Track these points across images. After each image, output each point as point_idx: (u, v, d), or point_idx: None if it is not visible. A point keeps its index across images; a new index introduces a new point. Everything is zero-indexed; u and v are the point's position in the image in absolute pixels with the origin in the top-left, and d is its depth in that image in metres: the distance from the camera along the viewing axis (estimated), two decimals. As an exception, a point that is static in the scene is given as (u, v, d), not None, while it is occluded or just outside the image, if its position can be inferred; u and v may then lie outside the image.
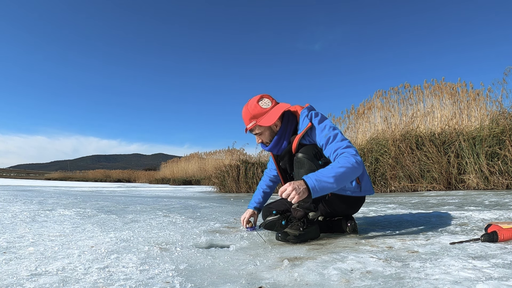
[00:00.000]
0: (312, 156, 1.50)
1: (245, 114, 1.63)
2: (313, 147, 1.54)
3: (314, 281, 0.95)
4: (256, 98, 1.62)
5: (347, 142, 1.45)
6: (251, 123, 1.60)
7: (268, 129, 1.62)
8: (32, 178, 36.46)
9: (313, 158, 1.50)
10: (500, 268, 0.95)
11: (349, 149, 1.41)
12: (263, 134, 1.62)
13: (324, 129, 1.50)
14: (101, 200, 4.41)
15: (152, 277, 1.01)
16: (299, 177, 1.47)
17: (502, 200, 2.90)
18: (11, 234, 1.74)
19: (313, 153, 1.51)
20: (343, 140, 1.46)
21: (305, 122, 1.55)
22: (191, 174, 19.56)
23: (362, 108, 7.31)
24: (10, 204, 3.45)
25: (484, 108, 5.51)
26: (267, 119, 1.57)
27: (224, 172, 8.43)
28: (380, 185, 5.63)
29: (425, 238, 1.47)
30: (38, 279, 0.99)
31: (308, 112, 1.58)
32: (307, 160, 1.49)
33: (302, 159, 1.50)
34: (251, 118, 1.60)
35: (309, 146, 1.54)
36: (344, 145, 1.43)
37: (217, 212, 3.01)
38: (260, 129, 1.61)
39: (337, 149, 1.43)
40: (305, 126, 1.54)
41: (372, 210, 2.70)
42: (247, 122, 1.63)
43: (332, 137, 1.46)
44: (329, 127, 1.51)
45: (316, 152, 1.52)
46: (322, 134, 1.49)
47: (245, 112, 1.63)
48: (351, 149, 1.41)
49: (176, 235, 1.74)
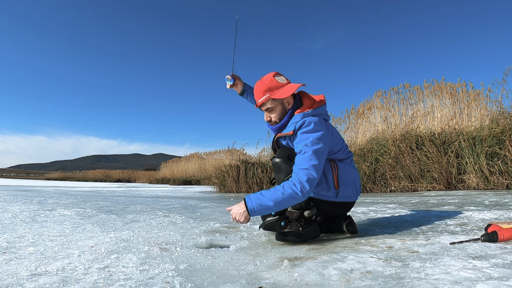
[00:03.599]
0: (286, 159, 1.55)
1: (260, 86, 1.58)
2: (287, 150, 1.58)
3: (314, 281, 0.95)
4: (272, 73, 1.60)
5: (311, 163, 1.40)
6: (264, 96, 1.56)
7: (280, 105, 1.59)
8: (32, 178, 36.46)
9: (287, 161, 1.55)
10: (500, 268, 0.95)
11: (304, 173, 1.39)
12: (274, 110, 1.59)
13: (303, 140, 1.47)
14: (101, 200, 4.41)
15: (152, 277, 1.01)
16: (279, 181, 1.55)
17: (502, 200, 2.90)
18: (11, 234, 1.74)
19: (286, 155, 1.56)
20: (310, 159, 1.41)
21: (291, 127, 1.54)
22: (191, 174, 19.56)
23: (362, 108, 7.31)
24: (10, 204, 3.45)
25: (484, 108, 5.51)
26: (282, 92, 1.54)
27: (224, 172, 8.42)
28: (380, 185, 5.63)
29: (425, 238, 1.47)
30: (38, 279, 0.99)
31: (301, 119, 1.52)
32: (283, 163, 1.55)
33: (279, 163, 1.56)
34: (265, 90, 1.56)
35: (283, 149, 1.59)
36: (305, 165, 1.40)
37: (217, 212, 3.01)
38: (273, 103, 1.58)
39: (298, 165, 1.43)
40: (288, 131, 1.55)
41: (372, 210, 2.70)
42: (260, 95, 1.58)
43: (303, 152, 1.44)
44: (310, 141, 1.45)
45: (289, 154, 1.56)
46: (298, 145, 1.48)
47: (260, 84, 1.58)
48: (305, 174, 1.39)
49: (176, 235, 1.74)
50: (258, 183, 7.71)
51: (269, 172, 7.68)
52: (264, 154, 8.91)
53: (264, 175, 7.70)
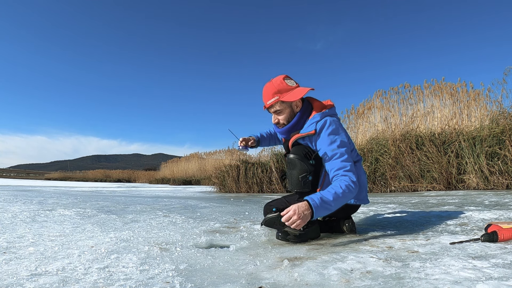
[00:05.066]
0: (303, 156, 1.52)
1: (269, 88, 1.59)
2: (304, 148, 1.55)
3: (314, 281, 0.95)
4: (282, 76, 1.60)
5: (350, 164, 1.48)
6: (273, 98, 1.56)
7: (289, 108, 1.59)
8: (32, 178, 36.47)
9: (303, 158, 1.52)
10: (500, 268, 0.95)
11: (350, 174, 1.45)
12: (282, 112, 1.60)
13: (334, 142, 1.50)
14: (101, 200, 4.41)
15: (152, 277, 1.01)
16: (292, 177, 1.53)
17: (502, 200, 2.90)
18: (11, 234, 1.74)
19: (303, 153, 1.53)
20: (347, 161, 1.48)
21: (311, 127, 1.55)
22: (191, 174, 19.56)
23: (362, 108, 7.31)
24: (10, 204, 3.45)
25: (484, 108, 5.51)
26: (291, 95, 1.55)
27: (224, 172, 8.42)
28: (380, 185, 5.63)
29: (425, 238, 1.47)
30: (38, 279, 0.99)
31: (322, 118, 1.55)
32: (298, 160, 1.52)
33: (293, 159, 1.53)
34: (275, 92, 1.56)
35: (300, 147, 1.56)
36: (347, 167, 1.47)
37: (217, 212, 3.00)
38: (282, 106, 1.58)
39: (340, 168, 1.47)
40: (309, 131, 1.54)
41: (372, 210, 2.70)
42: (270, 97, 1.58)
43: (339, 155, 1.48)
44: (340, 141, 1.51)
45: (307, 152, 1.53)
46: (330, 147, 1.50)
47: (269, 86, 1.59)
48: (351, 174, 1.45)
49: (176, 235, 1.74)
50: (258, 183, 7.71)
51: (269, 172, 7.68)
52: (264, 154, 8.91)
53: (264, 175, 7.70)
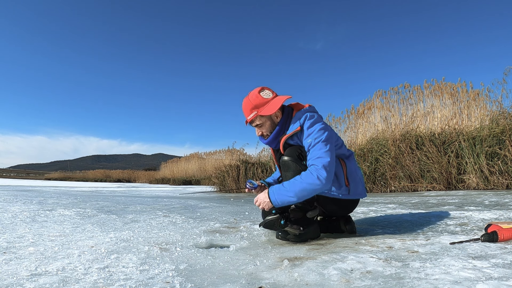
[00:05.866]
0: (296, 158, 1.53)
1: (246, 104, 1.60)
2: (297, 148, 1.56)
3: (314, 281, 0.95)
4: (257, 89, 1.61)
5: (323, 151, 1.45)
6: (252, 114, 1.58)
7: (269, 120, 1.61)
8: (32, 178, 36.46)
9: (297, 160, 1.53)
10: (500, 268, 0.95)
11: (318, 161, 1.43)
12: (263, 126, 1.61)
13: (310, 134, 1.50)
14: (101, 200, 4.41)
15: (152, 277, 1.01)
16: (287, 179, 1.53)
17: (502, 200, 2.90)
18: (11, 234, 1.74)
19: (296, 154, 1.54)
20: (320, 148, 1.45)
21: (295, 125, 1.56)
22: (191, 174, 19.56)
23: (362, 108, 7.30)
24: (10, 204, 3.45)
25: (484, 108, 5.51)
26: (268, 108, 1.56)
27: (224, 172, 8.42)
28: (380, 185, 5.63)
29: (425, 238, 1.47)
30: (38, 279, 0.99)
31: (303, 115, 1.56)
32: (292, 162, 1.53)
33: (287, 162, 1.54)
34: (252, 108, 1.58)
35: (294, 148, 1.57)
36: (317, 154, 1.44)
37: (217, 212, 3.01)
38: (261, 119, 1.60)
39: (311, 158, 1.46)
40: (294, 129, 1.55)
41: (372, 210, 2.70)
42: (248, 113, 1.60)
43: (313, 143, 1.48)
44: (317, 131, 1.50)
45: (300, 153, 1.54)
46: (307, 140, 1.50)
47: (246, 102, 1.61)
48: (319, 161, 1.42)
49: (176, 235, 1.74)
50: (258, 183, 7.71)
51: (269, 172, 7.68)
52: (264, 154, 8.91)
53: (264, 175, 7.70)
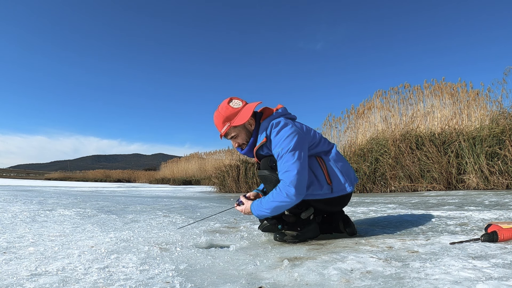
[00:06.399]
0: (271, 169, 1.54)
1: (218, 118, 1.57)
2: (269, 159, 1.56)
3: (314, 281, 0.95)
4: (226, 101, 1.58)
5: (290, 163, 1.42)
6: (225, 126, 1.56)
7: (244, 129, 1.59)
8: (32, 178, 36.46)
9: (272, 171, 1.53)
10: (500, 268, 0.95)
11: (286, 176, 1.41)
12: (239, 136, 1.59)
13: (278, 144, 1.48)
14: (101, 200, 4.41)
15: (152, 277, 1.01)
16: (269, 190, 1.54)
17: (502, 200, 2.90)
18: (11, 234, 1.74)
19: (270, 166, 1.54)
20: (287, 160, 1.43)
21: (262, 136, 1.55)
22: (191, 174, 19.56)
23: (362, 108, 7.30)
24: (10, 204, 3.45)
25: (484, 108, 5.51)
26: (240, 117, 1.54)
27: (224, 172, 8.43)
28: (380, 185, 5.63)
29: (425, 238, 1.47)
30: (38, 279, 0.99)
31: (269, 124, 1.54)
32: (268, 174, 1.53)
33: (263, 175, 1.55)
34: (224, 121, 1.55)
35: (266, 159, 1.57)
36: (284, 168, 1.43)
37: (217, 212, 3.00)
38: (235, 130, 1.57)
39: (280, 171, 1.46)
40: (261, 140, 1.54)
41: (372, 210, 2.70)
42: (221, 126, 1.57)
43: (281, 154, 1.46)
44: (283, 139, 1.46)
45: (273, 164, 1.54)
46: (275, 150, 1.49)
47: (217, 116, 1.58)
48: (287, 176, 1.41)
49: (176, 235, 1.74)
50: (258, 183, 7.71)
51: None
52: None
53: (264, 175, 7.70)
